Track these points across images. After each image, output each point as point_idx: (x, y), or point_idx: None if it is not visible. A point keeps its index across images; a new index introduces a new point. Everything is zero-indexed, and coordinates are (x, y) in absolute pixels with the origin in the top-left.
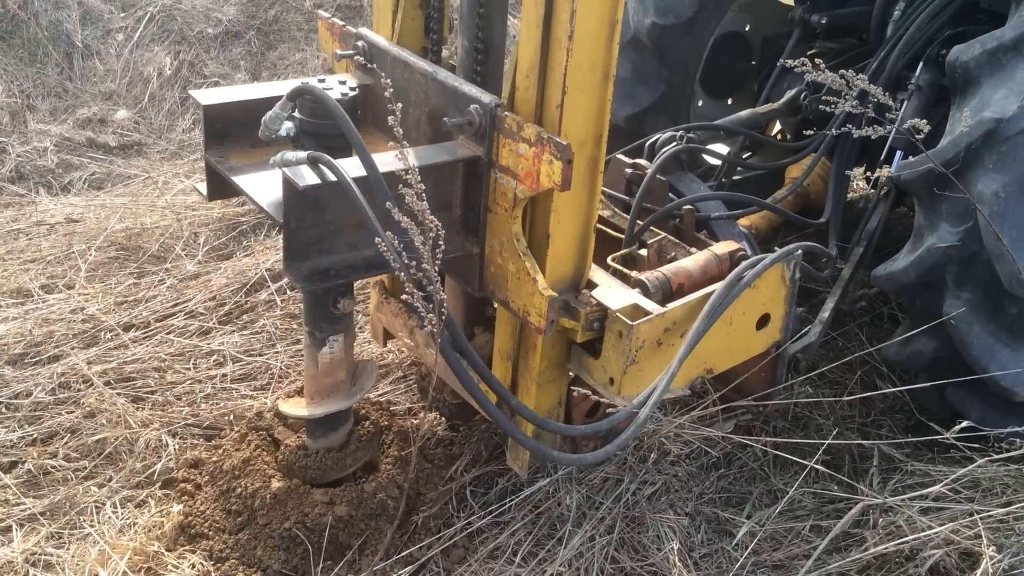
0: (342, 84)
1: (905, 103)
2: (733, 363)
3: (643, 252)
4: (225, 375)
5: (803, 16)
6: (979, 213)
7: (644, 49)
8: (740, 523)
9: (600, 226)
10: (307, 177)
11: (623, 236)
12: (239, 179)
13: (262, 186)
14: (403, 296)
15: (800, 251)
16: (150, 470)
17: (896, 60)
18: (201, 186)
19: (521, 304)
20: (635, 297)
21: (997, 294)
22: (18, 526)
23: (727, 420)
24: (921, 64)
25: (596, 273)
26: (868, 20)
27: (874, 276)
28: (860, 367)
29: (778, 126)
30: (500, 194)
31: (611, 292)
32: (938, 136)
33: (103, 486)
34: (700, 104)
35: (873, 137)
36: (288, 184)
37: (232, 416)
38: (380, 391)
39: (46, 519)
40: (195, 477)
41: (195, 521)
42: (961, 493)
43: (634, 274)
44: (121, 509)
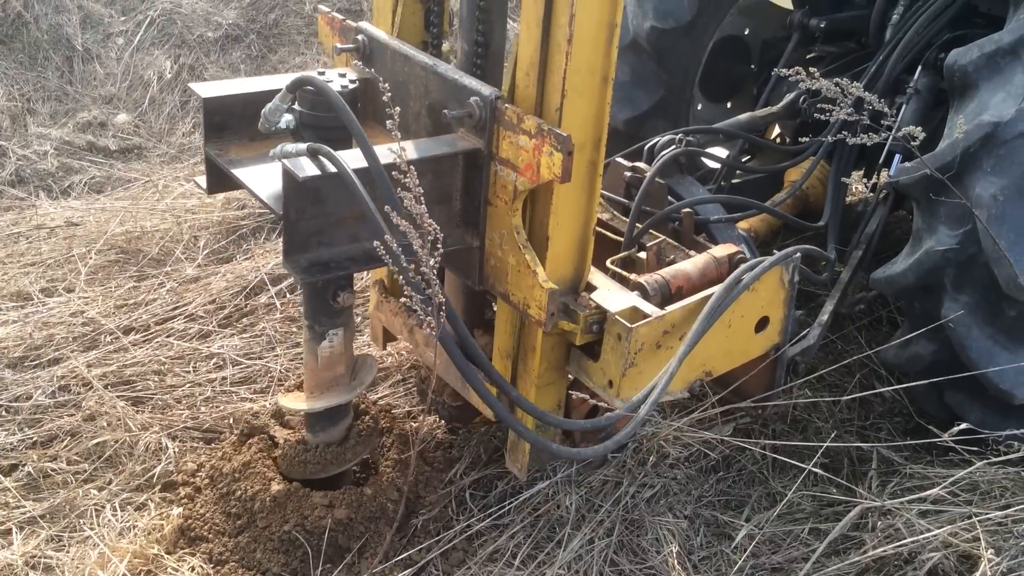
0: (342, 77)
1: (904, 107)
2: (732, 366)
3: (642, 255)
4: (225, 378)
5: (802, 20)
6: (976, 217)
7: (643, 53)
8: (739, 526)
9: (599, 229)
10: (307, 168)
11: (622, 239)
12: (239, 172)
13: (262, 179)
14: (402, 299)
15: (799, 254)
16: (150, 473)
17: (895, 64)
18: (201, 180)
19: (521, 297)
20: (634, 300)
21: (995, 297)
22: (18, 529)
23: (726, 423)
24: (920, 68)
25: (595, 276)
26: (867, 24)
27: (873, 279)
28: (859, 370)
29: (777, 130)
30: (500, 187)
31: (610, 295)
32: (937, 139)
33: (103, 489)
34: (699, 108)
35: (868, 144)
36: (288, 175)
37: (232, 419)
38: (380, 394)
39: (46, 522)
40: (195, 480)
41: (195, 524)
42: (960, 496)
43: (633, 277)
44: (121, 512)
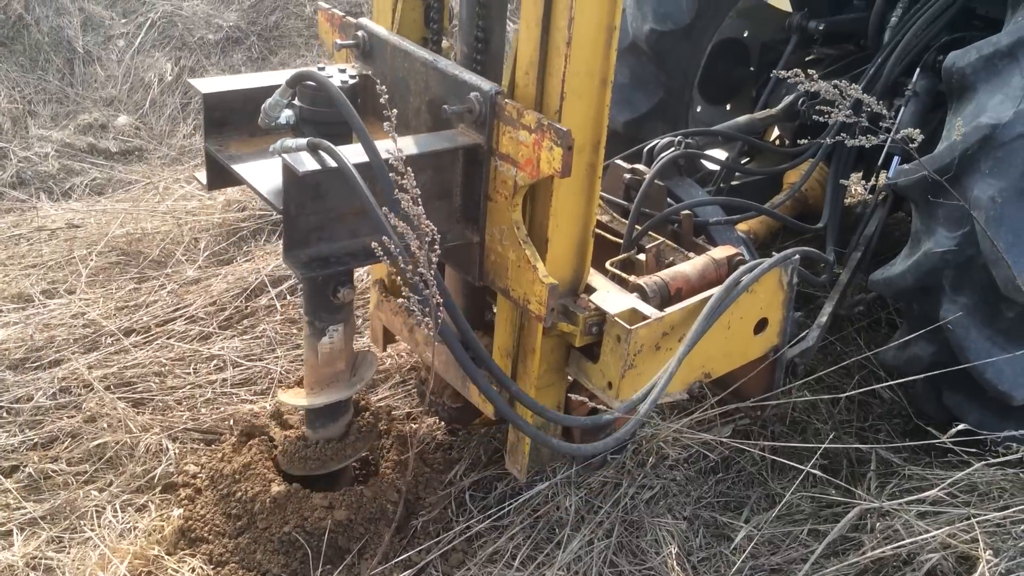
0: (342, 72)
1: (902, 109)
2: (731, 367)
3: (641, 257)
4: (225, 380)
5: (801, 22)
6: (975, 218)
7: (643, 55)
8: (738, 527)
9: (599, 231)
10: (307, 163)
11: (622, 241)
12: (239, 167)
13: (262, 174)
14: (399, 300)
15: (797, 256)
16: (150, 474)
17: (893, 66)
18: (201, 175)
19: (521, 292)
20: (633, 301)
21: (994, 298)
22: (19, 530)
23: (725, 424)
24: (918, 70)
25: (595, 277)
26: (865, 26)
27: (871, 281)
28: (858, 371)
29: (776, 132)
30: (500, 182)
31: (609, 296)
32: (935, 141)
33: (103, 490)
34: (699, 110)
35: (867, 146)
36: (288, 170)
37: (232, 421)
38: (379, 396)
39: (47, 523)
40: (195, 481)
41: (195, 525)
42: (958, 497)
43: (632, 279)
44: (121, 513)
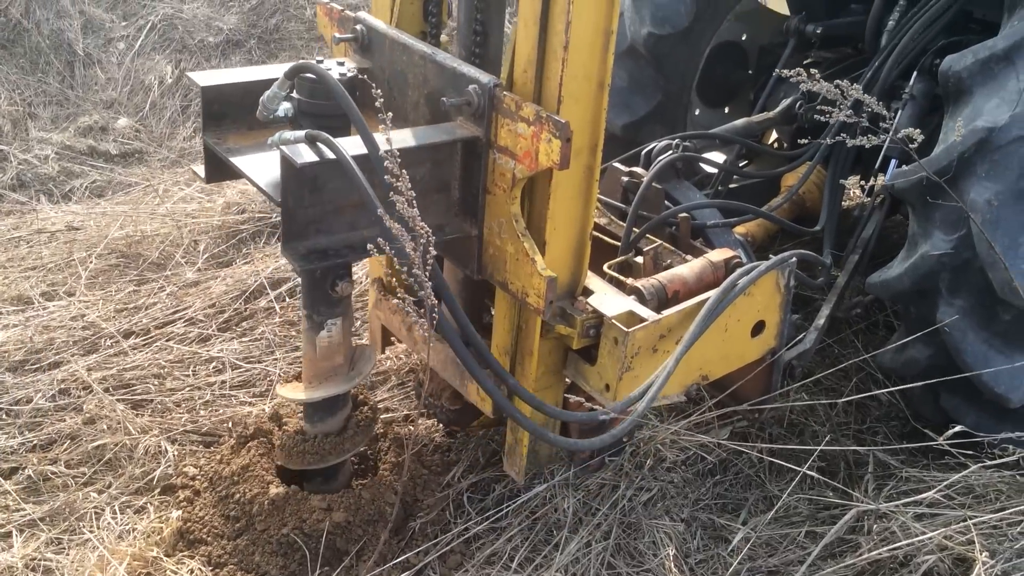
0: (340, 66)
1: (899, 112)
2: (728, 370)
3: (639, 259)
4: (224, 382)
5: (798, 26)
6: (972, 221)
7: (641, 58)
8: (736, 529)
9: (596, 234)
10: (305, 155)
11: (619, 244)
12: (237, 160)
13: (260, 166)
14: (394, 301)
15: (794, 259)
16: (149, 476)
17: (890, 69)
18: (199, 168)
19: (520, 285)
20: (631, 304)
21: (990, 301)
22: (18, 532)
23: (723, 427)
24: (915, 73)
25: (592, 280)
26: (863, 30)
27: (869, 283)
28: (856, 374)
29: (774, 135)
30: (499, 175)
31: (607, 299)
32: (932, 145)
33: (102, 492)
34: (697, 113)
35: (867, 146)
36: (286, 162)
37: (231, 423)
38: (378, 398)
39: (46, 525)
40: (194, 483)
41: (194, 527)
42: (955, 499)
43: (630, 281)
44: (120, 515)
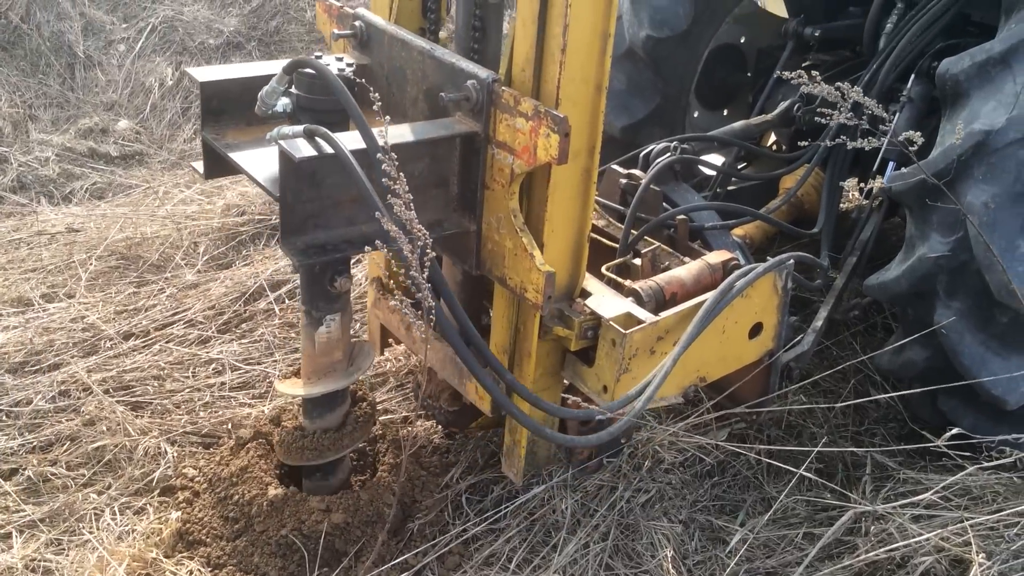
0: (339, 61)
1: (897, 115)
2: (726, 371)
3: (637, 261)
4: (224, 383)
5: (797, 28)
6: (969, 223)
7: (639, 61)
8: (733, 530)
9: (594, 235)
10: (303, 149)
11: (617, 246)
12: (236, 155)
13: (259, 162)
14: (392, 303)
15: (792, 261)
16: (149, 477)
17: (888, 72)
18: (198, 164)
19: (519, 281)
20: (628, 306)
21: (987, 303)
22: (18, 532)
23: (721, 428)
24: (913, 76)
25: (590, 282)
26: (861, 32)
27: (866, 286)
28: (854, 376)
29: (773, 137)
30: (497, 170)
31: (605, 301)
32: (929, 147)
33: (102, 493)
34: (695, 115)
35: (866, 149)
36: (284, 156)
37: (230, 424)
38: (377, 399)
39: (46, 526)
40: (193, 484)
41: (193, 528)
42: (952, 501)
43: (628, 283)
44: (120, 516)
